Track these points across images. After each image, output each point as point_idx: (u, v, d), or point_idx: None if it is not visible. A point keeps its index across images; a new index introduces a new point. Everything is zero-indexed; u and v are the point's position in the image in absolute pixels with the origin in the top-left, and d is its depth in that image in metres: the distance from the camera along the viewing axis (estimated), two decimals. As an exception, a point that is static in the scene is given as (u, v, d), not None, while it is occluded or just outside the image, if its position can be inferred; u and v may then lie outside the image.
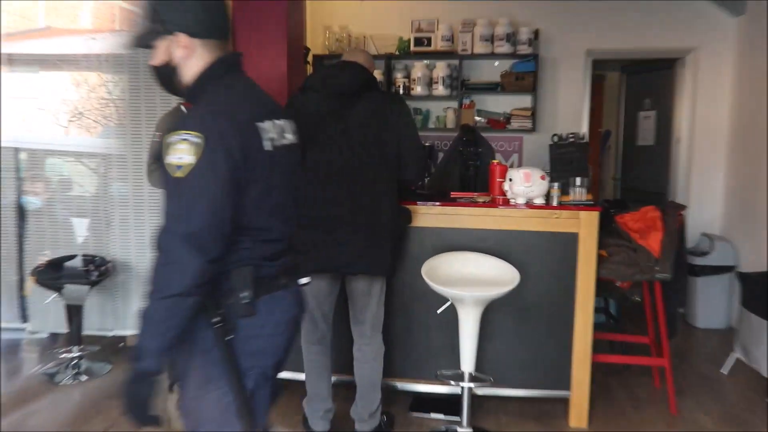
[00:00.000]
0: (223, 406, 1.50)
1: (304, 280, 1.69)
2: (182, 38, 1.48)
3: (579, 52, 5.09)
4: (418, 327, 3.09)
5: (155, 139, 2.97)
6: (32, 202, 3.95)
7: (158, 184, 2.94)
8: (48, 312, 3.96)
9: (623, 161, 6.10)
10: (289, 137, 1.63)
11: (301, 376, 2.91)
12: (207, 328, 1.47)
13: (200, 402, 1.54)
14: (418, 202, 3.00)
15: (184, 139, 1.36)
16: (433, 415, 3.11)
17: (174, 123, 1.42)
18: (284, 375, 3.17)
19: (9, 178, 3.97)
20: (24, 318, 4.06)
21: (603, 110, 7.09)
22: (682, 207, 3.26)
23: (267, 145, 1.50)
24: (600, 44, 5.07)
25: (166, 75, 1.54)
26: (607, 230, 3.25)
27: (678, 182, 5.18)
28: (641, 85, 5.75)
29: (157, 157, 2.95)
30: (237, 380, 1.49)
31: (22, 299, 4.04)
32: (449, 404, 3.12)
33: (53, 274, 3.60)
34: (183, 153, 1.36)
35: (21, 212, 3.98)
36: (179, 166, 1.36)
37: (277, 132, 1.56)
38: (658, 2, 4.91)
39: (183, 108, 2.99)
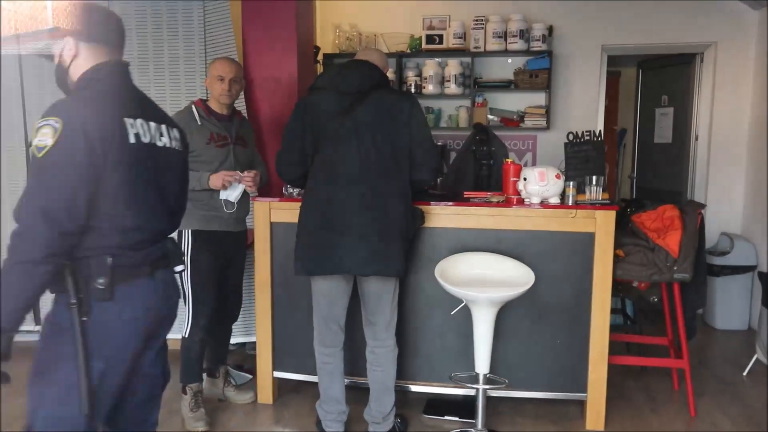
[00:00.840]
0: (68, 386, 1.58)
1: (178, 268, 1.84)
2: (69, 41, 1.67)
3: (594, 48, 5.02)
4: (431, 329, 3.05)
5: None
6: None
7: None
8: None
9: (640, 159, 6.01)
10: (165, 141, 1.77)
11: (315, 378, 2.90)
12: (65, 309, 1.58)
13: (46, 379, 1.62)
14: (431, 203, 2.96)
15: (47, 124, 1.51)
16: (448, 418, 3.08)
17: (48, 110, 1.55)
18: (297, 377, 3.19)
19: (21, 179, 3.98)
20: (37, 320, 4.07)
21: (618, 107, 7.01)
22: (702, 206, 3.19)
23: (132, 139, 1.63)
24: (615, 40, 4.99)
25: (59, 74, 1.72)
26: (624, 230, 3.19)
27: (696, 180, 5.09)
28: (658, 81, 5.66)
29: None
30: (86, 361, 1.57)
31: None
32: (464, 407, 3.09)
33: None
34: (45, 136, 1.50)
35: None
36: (41, 148, 1.50)
37: (145, 131, 1.69)
38: (675, -4, 4.83)
39: (194, 108, 2.98)
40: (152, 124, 1.73)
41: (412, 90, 5.02)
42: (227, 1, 3.75)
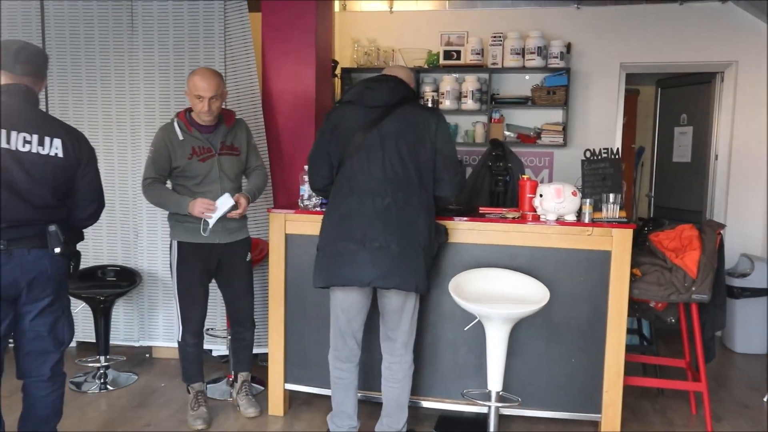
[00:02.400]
0: None
1: (56, 250, 2.25)
2: None
3: (612, 66, 5.00)
4: (444, 344, 3.03)
5: (149, 155, 2.97)
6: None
7: (153, 198, 2.94)
8: (76, 321, 4.00)
9: (658, 178, 5.96)
10: (33, 148, 2.18)
11: (327, 392, 2.89)
12: None
13: None
14: (455, 218, 2.94)
15: None
16: (459, 436, 3.04)
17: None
18: (308, 389, 3.18)
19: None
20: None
21: (637, 125, 6.96)
22: (721, 226, 3.15)
23: None
24: (634, 58, 4.97)
25: None
26: (641, 249, 3.16)
27: (716, 200, 5.03)
28: (678, 99, 5.62)
29: (159, 172, 2.94)
30: None
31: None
32: (476, 424, 3.05)
33: (82, 284, 3.65)
34: None
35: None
36: None
37: (6, 138, 2.14)
38: (696, 14, 4.80)
39: (176, 122, 2.98)
40: (14, 133, 2.14)
41: (429, 105, 5.03)
42: (248, 14, 3.80)
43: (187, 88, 2.93)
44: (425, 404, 3.09)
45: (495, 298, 2.70)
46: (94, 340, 3.66)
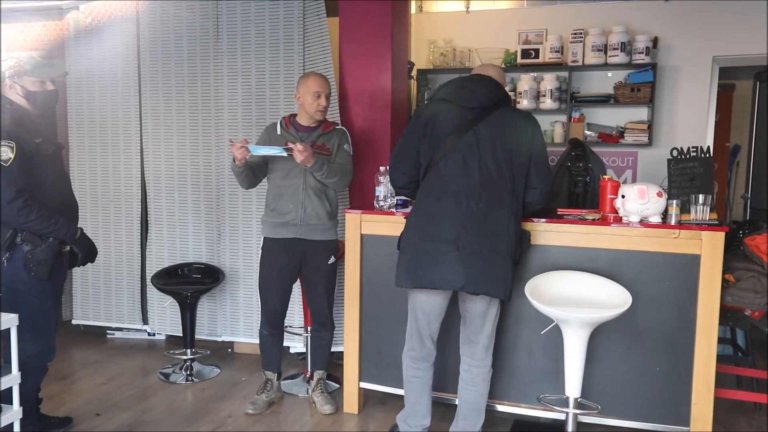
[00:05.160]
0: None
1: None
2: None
3: (704, 60, 4.73)
4: (520, 348, 2.97)
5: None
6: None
7: (245, 184, 3.18)
8: (165, 315, 4.24)
9: (755, 178, 5.56)
10: None
11: (402, 391, 2.89)
12: None
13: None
14: (533, 219, 2.88)
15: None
16: (535, 442, 2.97)
17: None
18: (383, 389, 3.20)
19: (135, 188, 4.31)
20: (144, 320, 4.37)
21: (731, 122, 6.54)
22: (827, 229, 2.90)
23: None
24: (729, 50, 4.67)
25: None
26: (735, 253, 2.97)
27: (821, 202, 4.64)
28: (778, 94, 5.23)
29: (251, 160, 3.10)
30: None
31: (143, 302, 4.35)
32: (552, 430, 2.97)
33: (169, 280, 3.86)
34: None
35: (144, 223, 4.31)
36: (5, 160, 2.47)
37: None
38: (798, 2, 4.46)
39: (280, 120, 3.25)
40: None
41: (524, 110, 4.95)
42: (325, 18, 3.89)
43: (300, 89, 3.15)
44: (500, 408, 3.04)
45: (573, 302, 2.62)
46: (181, 334, 3.85)
